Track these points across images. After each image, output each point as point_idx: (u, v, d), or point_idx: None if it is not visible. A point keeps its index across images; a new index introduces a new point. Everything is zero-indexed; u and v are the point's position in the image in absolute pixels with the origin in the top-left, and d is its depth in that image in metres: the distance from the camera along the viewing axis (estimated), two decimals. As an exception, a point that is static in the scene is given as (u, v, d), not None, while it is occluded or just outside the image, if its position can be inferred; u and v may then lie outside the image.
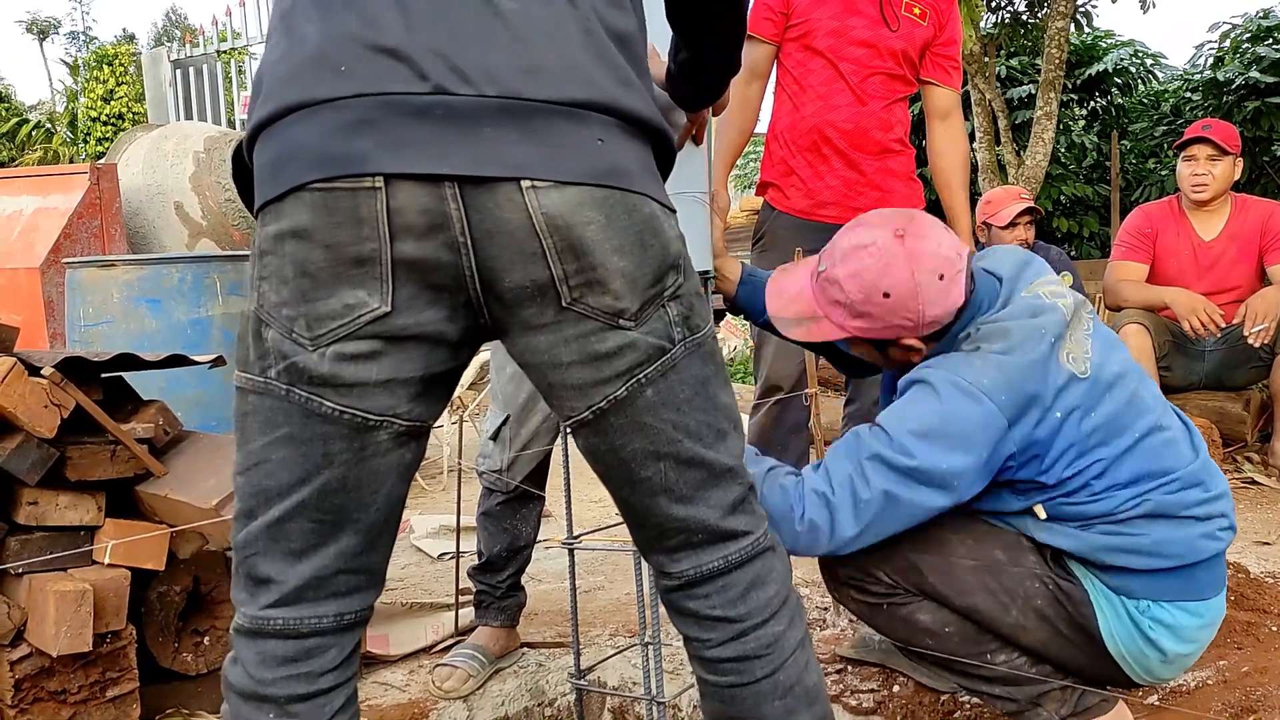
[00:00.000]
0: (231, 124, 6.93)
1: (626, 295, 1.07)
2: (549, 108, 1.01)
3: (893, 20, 2.48)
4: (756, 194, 2.74)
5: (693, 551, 1.20)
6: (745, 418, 2.42)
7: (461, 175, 0.99)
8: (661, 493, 1.17)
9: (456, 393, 1.38)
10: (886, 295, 1.56)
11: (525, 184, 1.00)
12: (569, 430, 1.18)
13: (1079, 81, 9.04)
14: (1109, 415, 1.59)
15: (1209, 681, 1.91)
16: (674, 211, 1.16)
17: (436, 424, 1.21)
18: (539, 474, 2.20)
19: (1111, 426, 1.59)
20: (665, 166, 1.20)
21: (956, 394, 1.53)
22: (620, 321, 1.08)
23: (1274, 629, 2.11)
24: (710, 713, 1.27)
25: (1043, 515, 1.60)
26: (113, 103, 18.60)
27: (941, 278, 1.57)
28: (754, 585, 1.22)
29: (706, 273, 1.69)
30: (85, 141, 18.79)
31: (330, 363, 1.04)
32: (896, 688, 2.08)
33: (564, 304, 1.06)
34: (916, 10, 2.50)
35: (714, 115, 1.60)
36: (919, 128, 2.82)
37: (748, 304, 1.90)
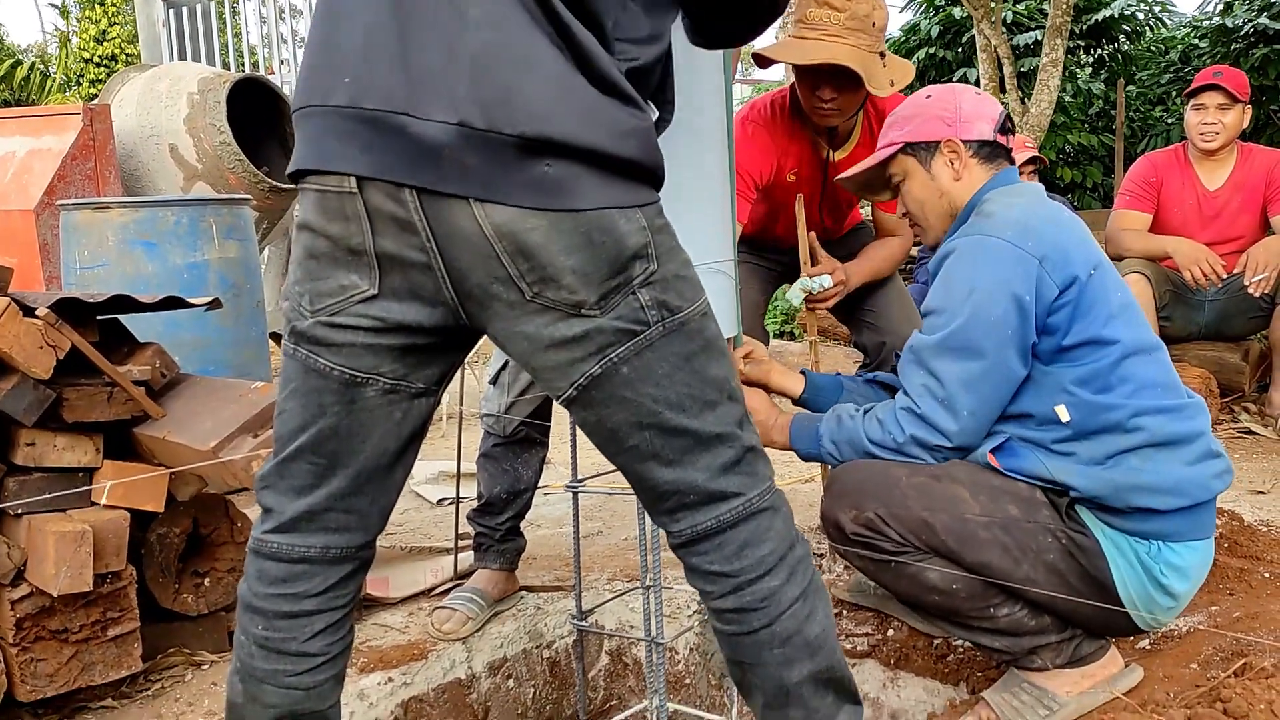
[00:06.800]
0: (226, 65, 6.82)
1: (581, 288, 1.15)
2: (503, 138, 1.10)
3: (844, 204, 2.53)
4: None
5: (688, 512, 1.28)
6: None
7: (419, 186, 1.12)
8: (650, 458, 1.25)
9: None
10: (928, 96, 1.81)
11: (472, 201, 1.12)
12: (563, 407, 1.27)
13: (1086, 28, 8.91)
14: (1131, 305, 1.68)
15: (1200, 626, 1.93)
16: (644, 206, 1.19)
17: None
18: (542, 421, 2.19)
19: (1132, 315, 1.67)
20: (649, 172, 1.21)
21: (981, 251, 1.64)
22: (582, 311, 1.16)
23: (1266, 575, 2.13)
24: (725, 657, 1.37)
25: (1066, 417, 1.62)
26: (105, 44, 18.31)
27: (977, 94, 1.81)
28: (749, 543, 1.28)
29: (732, 339, 1.71)
30: (78, 83, 18.53)
31: (325, 329, 1.22)
32: (891, 631, 2.11)
33: (527, 298, 1.16)
34: None
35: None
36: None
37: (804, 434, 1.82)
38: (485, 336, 1.30)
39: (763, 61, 2.29)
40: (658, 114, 1.28)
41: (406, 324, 1.21)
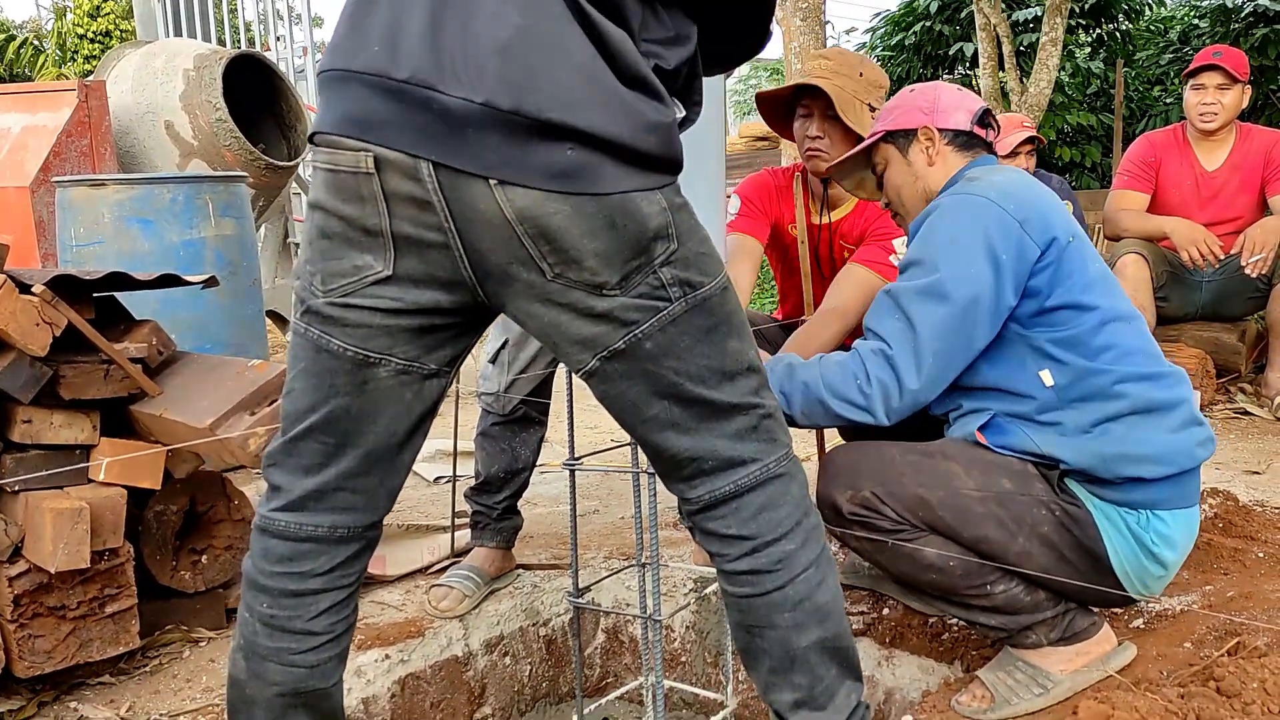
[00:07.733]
0: (221, 41, 6.77)
1: (604, 270, 1.16)
2: (528, 121, 1.09)
3: (827, 272, 2.51)
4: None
5: (706, 478, 1.30)
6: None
7: (437, 160, 1.11)
8: (669, 427, 1.27)
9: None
10: (911, 90, 1.89)
11: (493, 182, 1.11)
12: (581, 379, 1.28)
13: (1085, 7, 8.86)
14: (1108, 276, 1.70)
15: (1194, 605, 1.94)
16: (662, 188, 1.19)
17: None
18: (542, 400, 2.20)
19: (1110, 284, 1.69)
20: (670, 163, 1.21)
21: (964, 207, 1.67)
22: (604, 291, 1.17)
23: (1260, 555, 2.14)
24: (733, 622, 1.39)
25: (1050, 381, 1.63)
26: (100, 19, 18.19)
27: (959, 90, 1.88)
28: (766, 507, 1.30)
29: None
30: (72, 59, 18.41)
31: (337, 308, 1.21)
32: (886, 610, 2.12)
33: (548, 278, 1.17)
34: (847, 253, 2.45)
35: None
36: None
37: None
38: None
39: (763, 104, 2.45)
40: (684, 113, 1.27)
41: (424, 305, 1.21)
